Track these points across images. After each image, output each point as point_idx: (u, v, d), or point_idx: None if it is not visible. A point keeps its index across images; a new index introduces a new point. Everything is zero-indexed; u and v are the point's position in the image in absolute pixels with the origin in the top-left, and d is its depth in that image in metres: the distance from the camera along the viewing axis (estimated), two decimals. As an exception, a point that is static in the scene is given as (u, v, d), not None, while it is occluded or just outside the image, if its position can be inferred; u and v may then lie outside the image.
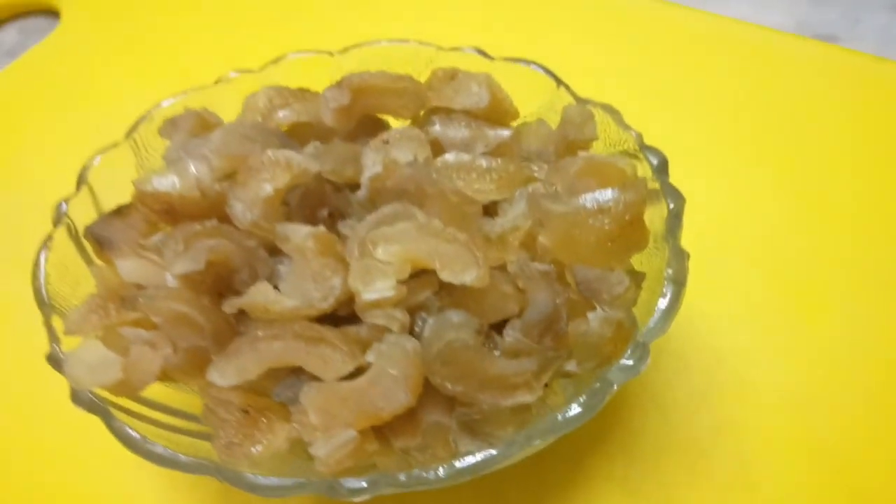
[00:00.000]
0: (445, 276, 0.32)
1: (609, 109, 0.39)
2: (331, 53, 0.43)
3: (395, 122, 0.42)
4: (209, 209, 0.36)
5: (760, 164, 0.51)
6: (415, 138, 0.38)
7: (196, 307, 0.32)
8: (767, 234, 0.47)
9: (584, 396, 0.29)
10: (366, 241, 0.34)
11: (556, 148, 0.39)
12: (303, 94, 0.42)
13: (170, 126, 0.40)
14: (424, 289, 0.34)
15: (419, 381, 0.31)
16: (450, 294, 0.33)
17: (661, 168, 0.35)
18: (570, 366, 0.32)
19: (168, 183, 0.36)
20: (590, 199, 0.33)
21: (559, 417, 0.29)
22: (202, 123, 0.40)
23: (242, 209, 0.35)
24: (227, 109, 0.42)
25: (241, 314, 0.33)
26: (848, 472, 0.37)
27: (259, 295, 0.33)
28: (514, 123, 0.42)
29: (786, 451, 0.38)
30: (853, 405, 0.40)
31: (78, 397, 0.32)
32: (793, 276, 0.45)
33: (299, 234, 0.34)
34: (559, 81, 0.40)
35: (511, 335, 0.31)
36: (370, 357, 0.31)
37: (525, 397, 0.31)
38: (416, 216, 0.34)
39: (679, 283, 0.31)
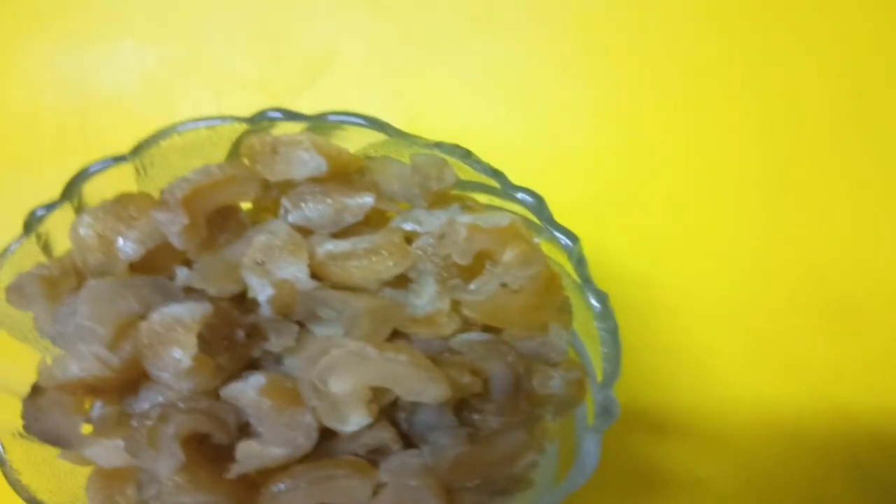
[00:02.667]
0: (409, 398, 0.35)
1: (461, 153, 0.39)
2: (125, 158, 0.39)
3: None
4: (129, 373, 0.36)
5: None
6: (288, 248, 0.38)
7: (202, 490, 0.33)
8: (660, 172, 0.53)
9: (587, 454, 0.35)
10: (315, 384, 0.34)
11: (421, 192, 0.41)
12: (125, 208, 0.39)
13: (16, 296, 0.37)
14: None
15: (439, 484, 0.34)
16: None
17: (540, 210, 0.37)
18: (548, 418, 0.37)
19: (72, 370, 0.35)
20: (501, 282, 0.36)
21: (572, 483, 0.35)
22: (49, 283, 0.37)
23: (174, 381, 0.34)
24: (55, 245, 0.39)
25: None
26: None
27: (250, 458, 0.34)
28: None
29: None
30: (780, 298, 0.49)
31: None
32: (691, 201, 0.53)
33: (249, 395, 0.34)
34: (391, 132, 0.41)
35: (491, 420, 0.36)
36: (384, 477, 0.34)
37: (532, 457, 0.36)
38: (346, 345, 0.35)
39: (612, 330, 0.35)
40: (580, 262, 0.38)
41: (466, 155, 0.41)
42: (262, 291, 0.36)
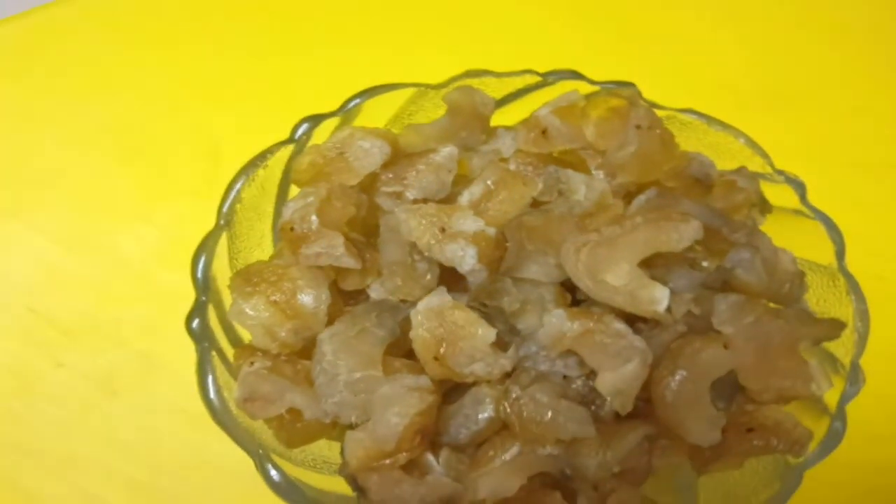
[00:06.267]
0: (678, 247, 0.34)
1: (477, 73, 0.41)
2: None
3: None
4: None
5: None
6: (446, 211, 0.35)
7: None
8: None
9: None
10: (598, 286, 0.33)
11: (476, 126, 0.41)
12: (261, 275, 0.34)
13: (260, 403, 0.33)
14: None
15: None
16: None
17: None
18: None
19: (392, 423, 0.31)
20: (636, 125, 0.37)
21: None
22: (278, 371, 0.33)
23: (491, 365, 0.32)
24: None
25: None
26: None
27: (616, 391, 0.32)
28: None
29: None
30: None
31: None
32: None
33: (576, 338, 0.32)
34: (409, 86, 0.41)
35: (738, 237, 0.36)
36: (726, 329, 0.34)
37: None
38: (587, 239, 0.33)
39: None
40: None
41: (483, 72, 0.42)
42: (466, 254, 0.34)
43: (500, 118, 0.43)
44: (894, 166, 0.56)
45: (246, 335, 0.35)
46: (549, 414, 0.30)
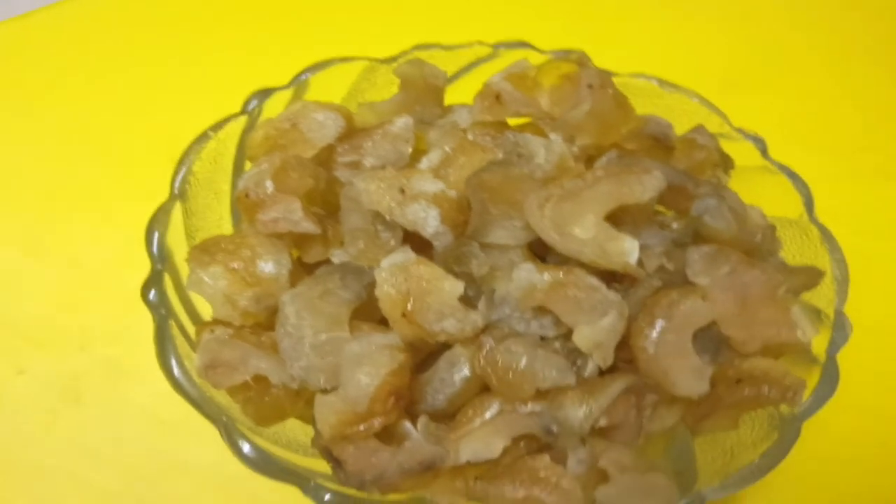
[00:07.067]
0: (644, 197, 0.33)
1: (424, 46, 0.41)
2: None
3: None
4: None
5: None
6: (404, 175, 0.35)
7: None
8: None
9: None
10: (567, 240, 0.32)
11: (431, 101, 0.41)
12: (218, 245, 0.34)
13: (222, 369, 0.32)
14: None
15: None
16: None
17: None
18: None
19: (363, 384, 0.30)
20: (588, 84, 0.37)
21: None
22: (241, 336, 0.32)
23: (462, 323, 0.32)
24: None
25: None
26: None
27: (596, 344, 0.31)
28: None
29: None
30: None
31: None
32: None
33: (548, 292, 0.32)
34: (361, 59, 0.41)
35: (703, 189, 0.35)
36: (702, 281, 0.33)
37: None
38: (551, 192, 0.33)
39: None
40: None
41: (432, 45, 0.42)
42: (428, 215, 0.33)
43: (453, 95, 0.43)
44: (856, 134, 0.56)
45: (207, 312, 0.34)
46: (525, 360, 0.29)
